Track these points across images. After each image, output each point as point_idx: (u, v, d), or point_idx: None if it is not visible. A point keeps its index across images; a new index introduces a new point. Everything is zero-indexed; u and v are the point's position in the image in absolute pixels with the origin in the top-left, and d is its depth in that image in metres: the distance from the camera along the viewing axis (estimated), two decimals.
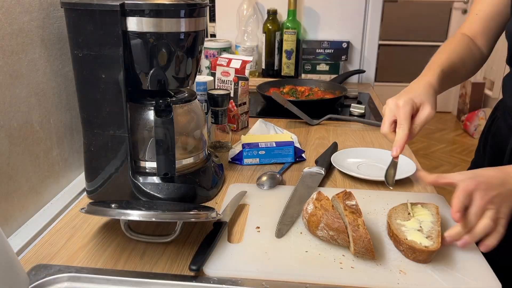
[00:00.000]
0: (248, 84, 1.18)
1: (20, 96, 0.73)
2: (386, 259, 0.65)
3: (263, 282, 0.61)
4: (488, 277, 0.62)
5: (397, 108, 0.76)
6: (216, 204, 0.82)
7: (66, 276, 0.62)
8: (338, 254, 0.66)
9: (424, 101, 0.76)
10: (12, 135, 0.71)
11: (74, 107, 0.88)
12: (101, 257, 0.66)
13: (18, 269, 0.53)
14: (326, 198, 0.71)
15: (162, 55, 0.74)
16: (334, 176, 0.95)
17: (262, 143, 1.00)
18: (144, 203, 0.72)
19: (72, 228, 0.74)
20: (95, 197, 0.82)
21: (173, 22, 0.72)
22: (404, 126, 0.74)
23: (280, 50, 1.81)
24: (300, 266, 0.64)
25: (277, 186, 0.88)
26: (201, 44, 0.80)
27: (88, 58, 0.73)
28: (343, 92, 1.45)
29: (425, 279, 0.61)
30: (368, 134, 1.21)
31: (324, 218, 0.67)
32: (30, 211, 0.77)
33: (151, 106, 0.77)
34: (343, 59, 1.77)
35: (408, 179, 0.92)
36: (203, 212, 0.68)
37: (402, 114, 0.75)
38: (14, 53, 0.71)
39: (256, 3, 1.81)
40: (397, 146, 0.75)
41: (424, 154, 3.59)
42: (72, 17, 0.72)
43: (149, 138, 0.78)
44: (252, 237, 0.71)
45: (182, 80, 0.79)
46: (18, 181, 0.73)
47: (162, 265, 0.65)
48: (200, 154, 0.86)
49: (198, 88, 1.10)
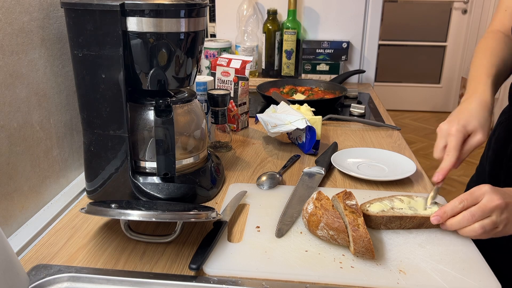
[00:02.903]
0: (248, 84, 1.18)
1: (20, 96, 0.73)
2: (386, 259, 0.65)
3: (263, 282, 0.61)
4: (487, 277, 0.62)
5: (449, 135, 0.77)
6: (216, 204, 0.82)
7: (66, 276, 0.62)
8: (338, 254, 0.66)
9: (477, 128, 0.77)
10: (12, 135, 0.71)
11: (74, 107, 0.88)
12: (101, 257, 0.67)
13: (18, 269, 0.53)
14: (326, 198, 0.71)
15: (162, 55, 0.74)
16: (334, 176, 0.95)
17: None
18: (144, 203, 0.72)
19: (72, 228, 0.74)
20: (95, 197, 0.82)
21: (173, 22, 0.72)
22: (451, 155, 0.75)
23: (280, 50, 1.81)
24: (300, 265, 0.64)
25: (277, 186, 0.88)
26: (201, 44, 0.80)
27: (88, 58, 0.73)
28: (343, 92, 1.45)
29: (424, 279, 0.61)
30: (368, 134, 1.21)
31: (324, 218, 0.67)
32: (30, 211, 0.77)
33: (151, 106, 0.77)
34: (343, 59, 1.77)
35: (408, 179, 0.92)
36: (203, 212, 0.68)
37: (452, 142, 0.76)
38: (14, 53, 0.71)
39: (256, 3, 1.81)
40: (440, 173, 0.76)
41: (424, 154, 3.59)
42: (72, 17, 0.72)
43: (149, 138, 0.78)
44: (252, 237, 0.71)
45: (182, 80, 0.79)
46: (18, 181, 0.73)
47: (162, 265, 0.65)
48: (200, 154, 0.86)
49: (198, 88, 1.10)
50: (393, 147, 1.09)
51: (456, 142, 0.76)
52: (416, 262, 0.64)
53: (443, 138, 0.78)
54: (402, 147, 1.11)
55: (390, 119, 1.35)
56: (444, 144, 0.78)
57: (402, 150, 1.08)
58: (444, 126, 0.79)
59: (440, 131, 0.79)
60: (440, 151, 0.78)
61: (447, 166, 0.75)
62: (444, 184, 0.73)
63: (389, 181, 0.90)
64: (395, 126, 1.25)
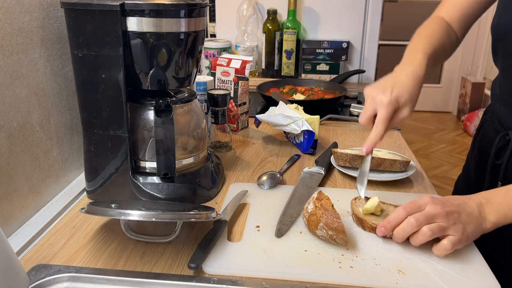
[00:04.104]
0: (248, 84, 1.18)
1: (20, 96, 0.73)
2: (385, 259, 0.65)
3: (263, 281, 0.61)
4: (487, 277, 0.62)
5: (380, 105, 0.76)
6: (216, 204, 0.83)
7: (66, 276, 0.62)
8: (337, 254, 0.66)
9: (407, 101, 0.76)
10: (12, 135, 0.71)
11: (74, 107, 0.89)
12: (101, 257, 0.67)
13: (18, 269, 0.53)
14: (326, 198, 0.71)
15: (162, 55, 0.74)
16: (334, 176, 0.95)
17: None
18: (144, 203, 0.72)
19: (72, 228, 0.74)
20: (95, 197, 0.82)
21: (173, 22, 0.72)
22: (381, 127, 0.75)
23: (280, 50, 1.81)
24: (299, 265, 0.64)
25: (277, 185, 0.88)
26: (201, 44, 0.80)
27: (88, 58, 0.73)
28: (343, 92, 1.45)
29: (424, 279, 0.61)
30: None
31: (324, 218, 0.67)
32: (30, 211, 0.77)
33: (151, 106, 0.77)
34: (343, 59, 1.77)
35: (408, 179, 0.93)
36: (203, 212, 0.68)
37: (383, 115, 0.75)
38: (14, 53, 0.71)
39: (256, 3, 1.81)
40: (369, 145, 0.76)
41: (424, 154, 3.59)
42: (72, 17, 0.72)
43: (149, 138, 0.78)
44: (252, 236, 0.71)
45: (182, 80, 0.79)
46: (18, 181, 0.73)
47: (162, 265, 0.65)
48: (200, 154, 0.86)
49: (198, 88, 1.10)
50: (393, 147, 1.09)
51: (387, 115, 0.75)
52: (415, 262, 0.64)
53: (372, 106, 0.77)
54: (402, 147, 1.11)
55: None
56: (373, 112, 0.77)
57: (402, 150, 1.08)
58: (376, 93, 0.77)
59: (371, 98, 0.78)
60: (367, 119, 0.77)
61: (375, 138, 0.75)
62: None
63: (389, 181, 0.90)
64: (395, 126, 1.25)
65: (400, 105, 0.76)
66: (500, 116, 0.89)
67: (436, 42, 0.86)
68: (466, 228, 0.64)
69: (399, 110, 0.77)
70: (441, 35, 0.89)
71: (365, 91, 0.80)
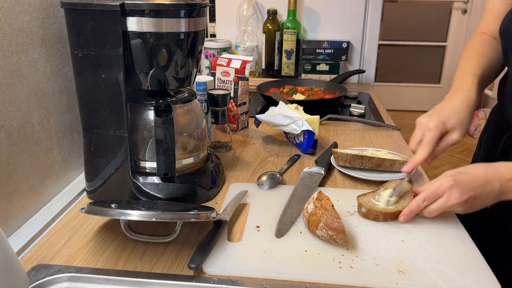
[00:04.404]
0: (248, 84, 1.18)
1: (20, 96, 0.73)
2: (385, 259, 0.65)
3: (263, 282, 0.61)
4: (487, 277, 0.62)
5: (427, 130, 0.77)
6: (216, 204, 0.83)
7: (66, 276, 0.62)
8: (337, 254, 0.66)
9: (456, 126, 0.77)
10: (12, 135, 0.71)
11: (74, 107, 0.88)
12: (101, 257, 0.67)
13: (18, 269, 0.53)
14: (326, 198, 0.71)
15: (162, 55, 0.74)
16: (334, 176, 0.95)
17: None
18: (144, 203, 0.73)
19: (72, 228, 0.74)
20: (95, 197, 0.82)
21: (173, 22, 0.72)
22: (425, 149, 0.77)
23: (280, 50, 1.81)
24: (299, 265, 0.64)
25: (277, 186, 0.88)
26: (201, 44, 0.80)
27: (88, 58, 0.73)
28: (343, 92, 1.45)
29: (424, 279, 0.61)
30: (368, 134, 1.21)
31: (324, 218, 0.67)
32: (30, 211, 0.77)
33: (151, 106, 0.77)
34: (343, 59, 1.77)
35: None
36: (203, 212, 0.68)
37: (428, 137, 0.77)
38: (14, 53, 0.71)
39: (256, 3, 1.81)
40: (411, 164, 0.78)
41: None
42: (72, 17, 0.72)
43: (149, 138, 0.78)
44: (252, 236, 0.71)
45: (182, 80, 0.79)
46: (18, 181, 0.73)
47: (162, 265, 0.65)
48: (200, 154, 0.86)
49: (198, 88, 1.10)
50: (393, 147, 1.09)
51: (432, 138, 0.76)
52: (415, 262, 0.64)
53: (420, 131, 0.79)
54: (402, 147, 1.11)
55: (390, 119, 1.35)
56: (421, 138, 0.78)
57: (402, 150, 1.08)
58: (423, 120, 0.79)
59: (419, 124, 0.80)
60: (416, 144, 0.79)
61: (418, 160, 0.77)
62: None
63: (389, 181, 0.90)
64: (395, 126, 1.25)
65: (448, 129, 0.77)
66: (509, 116, 0.89)
67: (483, 60, 0.87)
68: (474, 207, 0.68)
69: (448, 134, 0.78)
70: (487, 51, 0.90)
71: (417, 119, 0.82)
